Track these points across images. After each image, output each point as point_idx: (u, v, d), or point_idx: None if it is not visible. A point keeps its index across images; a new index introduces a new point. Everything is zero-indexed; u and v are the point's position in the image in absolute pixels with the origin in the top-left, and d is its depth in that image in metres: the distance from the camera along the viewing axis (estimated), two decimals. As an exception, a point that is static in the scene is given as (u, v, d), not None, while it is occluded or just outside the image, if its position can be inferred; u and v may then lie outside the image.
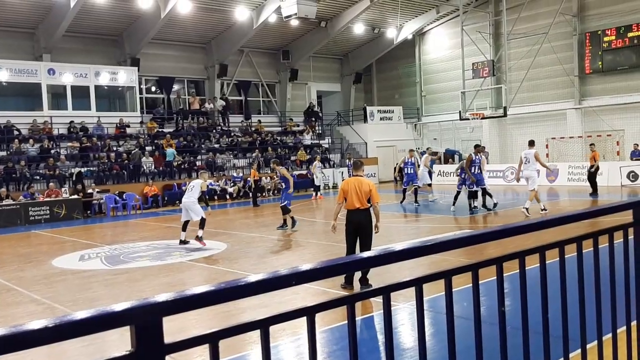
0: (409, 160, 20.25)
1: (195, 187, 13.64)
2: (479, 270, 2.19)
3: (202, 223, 13.23)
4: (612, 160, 25.36)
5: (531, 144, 16.19)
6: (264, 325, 1.62)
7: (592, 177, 20.32)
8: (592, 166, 20.29)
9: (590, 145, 21.28)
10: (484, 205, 17.22)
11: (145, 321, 1.32)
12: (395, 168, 23.98)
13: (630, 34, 25.69)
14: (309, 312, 1.74)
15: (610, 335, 2.72)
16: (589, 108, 27.26)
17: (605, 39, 26.49)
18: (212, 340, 1.47)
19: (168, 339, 1.41)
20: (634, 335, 2.86)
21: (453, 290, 2.13)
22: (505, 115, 27.18)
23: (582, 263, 2.41)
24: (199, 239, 13.02)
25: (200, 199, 14.18)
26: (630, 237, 2.88)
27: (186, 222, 13.57)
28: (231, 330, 1.52)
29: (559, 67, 27.78)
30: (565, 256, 2.52)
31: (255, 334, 1.65)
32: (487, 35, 30.48)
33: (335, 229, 8.97)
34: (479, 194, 17.28)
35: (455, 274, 2.14)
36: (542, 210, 15.31)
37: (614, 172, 23.65)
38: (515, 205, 17.72)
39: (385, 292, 1.93)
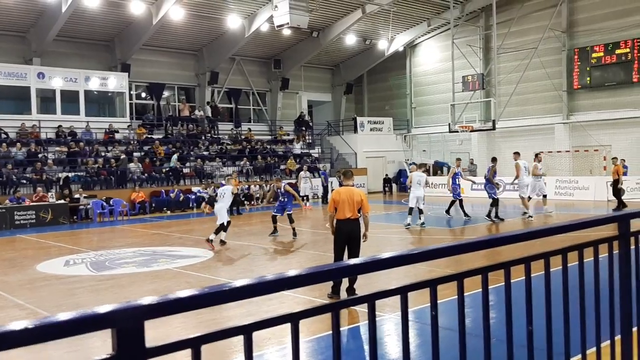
0: (459, 170, 18.78)
1: (226, 194, 14.14)
2: (464, 280, 2.20)
3: (220, 228, 13.83)
4: (599, 175, 25.57)
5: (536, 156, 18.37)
6: (246, 331, 1.61)
7: (616, 192, 20.13)
8: (616, 180, 20.11)
9: (613, 159, 20.84)
10: (493, 214, 17.45)
11: (126, 324, 1.31)
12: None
13: (618, 51, 26.01)
14: (293, 319, 1.72)
15: (594, 349, 2.73)
16: (577, 123, 27.51)
17: (594, 55, 26.80)
18: (194, 345, 1.45)
19: (151, 344, 1.39)
20: (617, 349, 2.87)
21: (440, 301, 2.14)
22: (494, 128, 27.35)
23: (567, 276, 2.42)
24: (209, 241, 13.43)
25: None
26: (616, 251, 2.90)
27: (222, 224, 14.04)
28: (214, 336, 1.50)
29: (547, 82, 28.04)
30: (551, 269, 2.53)
31: (240, 342, 1.64)
32: (478, 48, 30.74)
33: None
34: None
35: (441, 283, 2.14)
36: (526, 216, 15.92)
37: (600, 187, 23.84)
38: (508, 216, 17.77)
39: (371, 299, 1.92)
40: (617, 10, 26.08)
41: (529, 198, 18.54)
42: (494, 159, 19.07)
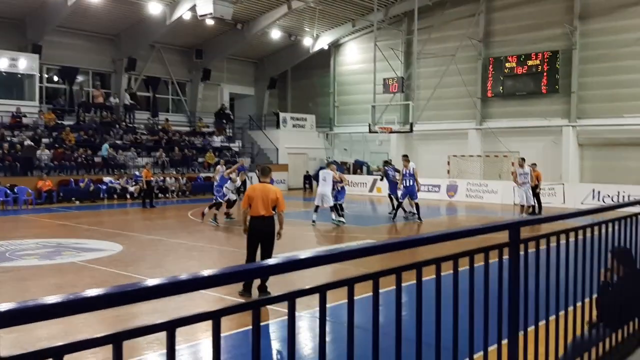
0: (407, 171, 17.97)
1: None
2: (379, 279, 2.28)
3: (214, 205, 16.61)
4: (506, 180, 26.81)
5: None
6: (169, 328, 1.58)
7: (536, 195, 20.83)
8: (536, 186, 20.83)
9: (532, 165, 21.01)
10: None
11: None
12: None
13: (529, 62, 27.34)
14: (215, 316, 1.73)
15: (481, 353, 2.83)
16: (489, 129, 28.71)
17: (507, 65, 28.05)
18: (56, 354, 1.33)
19: (44, 343, 1.32)
20: (504, 352, 2.98)
21: (355, 298, 2.21)
22: (411, 131, 28.04)
23: (458, 280, 2.49)
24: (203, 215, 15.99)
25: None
26: (505, 257, 3.01)
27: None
28: (79, 345, 1.39)
29: (463, 89, 29.07)
30: (459, 269, 2.65)
31: (154, 339, 1.54)
32: (399, 52, 31.42)
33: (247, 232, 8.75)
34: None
35: (358, 281, 2.22)
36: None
37: (508, 192, 25.01)
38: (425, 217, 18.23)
39: (291, 297, 1.96)
40: (530, 23, 27.42)
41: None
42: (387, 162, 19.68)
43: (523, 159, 19.46)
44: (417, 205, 17.54)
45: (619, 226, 4.33)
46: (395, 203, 18.48)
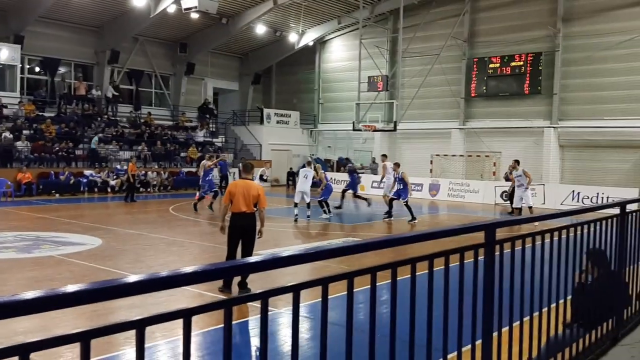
0: (397, 176, 18.12)
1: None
2: (354, 278, 2.31)
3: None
4: (488, 179, 27.05)
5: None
6: (139, 326, 1.57)
7: (512, 195, 20.88)
8: (512, 186, 20.82)
9: (513, 163, 21.46)
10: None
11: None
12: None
13: (512, 63, 27.55)
14: (186, 314, 1.73)
15: (455, 353, 2.85)
16: (472, 129, 28.90)
17: (491, 65, 28.23)
18: (23, 352, 1.31)
19: (21, 338, 1.33)
20: (477, 353, 3.00)
21: (332, 297, 2.23)
22: (395, 129, 28.14)
23: (433, 280, 2.51)
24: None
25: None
26: (481, 257, 3.03)
27: None
28: (47, 343, 1.38)
29: (447, 88, 29.22)
30: (435, 268, 2.67)
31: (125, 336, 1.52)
32: (384, 50, 31.45)
33: (224, 230, 8.70)
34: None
35: (332, 281, 2.24)
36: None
37: (489, 191, 25.25)
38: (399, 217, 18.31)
39: (264, 296, 1.98)
40: (514, 24, 27.62)
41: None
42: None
43: (517, 161, 18.95)
44: (407, 205, 17.61)
45: (594, 228, 4.37)
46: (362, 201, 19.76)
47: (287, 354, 5.97)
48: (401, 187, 17.84)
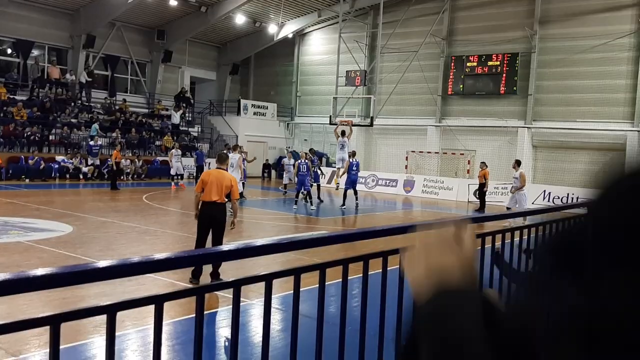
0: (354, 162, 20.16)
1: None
2: (326, 269, 2.31)
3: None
4: (462, 177, 27.34)
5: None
6: (109, 311, 1.58)
7: (481, 194, 21.17)
8: (482, 184, 20.97)
9: (481, 163, 21.44)
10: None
11: None
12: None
13: (490, 63, 27.85)
14: (158, 301, 1.72)
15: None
16: (447, 127, 29.16)
17: (468, 64, 28.49)
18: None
19: None
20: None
21: (303, 289, 2.24)
22: (371, 125, 28.21)
23: (367, 282, 2.51)
24: None
25: None
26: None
27: None
28: (15, 326, 1.37)
29: (424, 85, 29.40)
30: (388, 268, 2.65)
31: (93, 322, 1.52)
32: (363, 45, 31.48)
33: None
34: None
35: (305, 271, 2.25)
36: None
37: (463, 189, 25.53)
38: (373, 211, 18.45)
39: (236, 285, 1.97)
40: (492, 24, 27.88)
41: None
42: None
43: (518, 162, 17.65)
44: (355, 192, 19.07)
45: (562, 227, 4.44)
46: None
47: (257, 345, 5.99)
48: (354, 173, 19.23)
